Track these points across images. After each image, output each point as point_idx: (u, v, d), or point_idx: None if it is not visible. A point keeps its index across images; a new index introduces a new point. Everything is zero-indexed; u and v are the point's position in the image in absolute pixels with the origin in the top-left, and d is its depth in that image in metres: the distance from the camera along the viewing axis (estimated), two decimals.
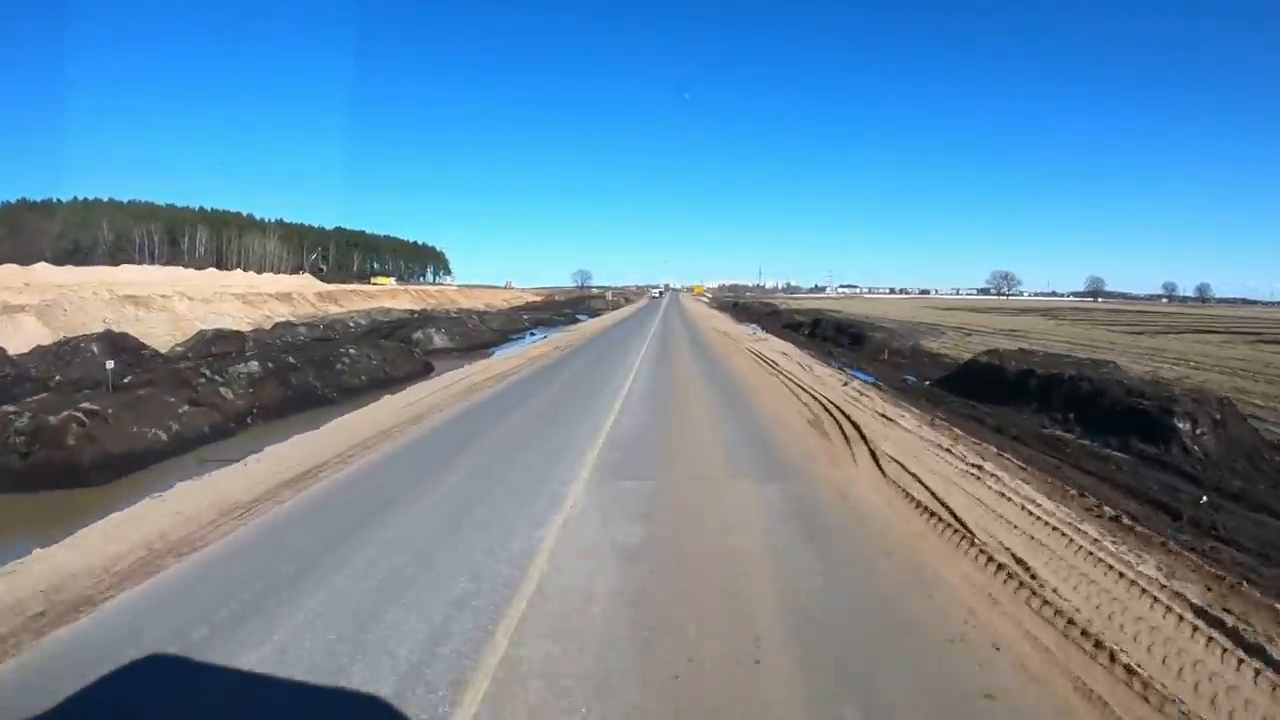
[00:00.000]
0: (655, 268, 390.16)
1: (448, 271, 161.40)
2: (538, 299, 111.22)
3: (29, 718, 3.21)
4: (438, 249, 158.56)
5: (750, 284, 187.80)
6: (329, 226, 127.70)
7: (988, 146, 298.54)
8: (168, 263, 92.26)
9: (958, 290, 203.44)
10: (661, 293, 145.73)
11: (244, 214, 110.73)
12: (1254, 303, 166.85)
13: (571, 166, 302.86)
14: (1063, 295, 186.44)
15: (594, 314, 54.14)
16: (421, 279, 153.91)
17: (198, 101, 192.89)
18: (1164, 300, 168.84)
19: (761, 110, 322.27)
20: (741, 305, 72.83)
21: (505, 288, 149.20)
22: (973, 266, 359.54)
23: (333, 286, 51.79)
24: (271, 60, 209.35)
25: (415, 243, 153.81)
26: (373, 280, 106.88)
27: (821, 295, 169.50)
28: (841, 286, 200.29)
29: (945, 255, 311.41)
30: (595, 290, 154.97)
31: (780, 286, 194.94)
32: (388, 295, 55.15)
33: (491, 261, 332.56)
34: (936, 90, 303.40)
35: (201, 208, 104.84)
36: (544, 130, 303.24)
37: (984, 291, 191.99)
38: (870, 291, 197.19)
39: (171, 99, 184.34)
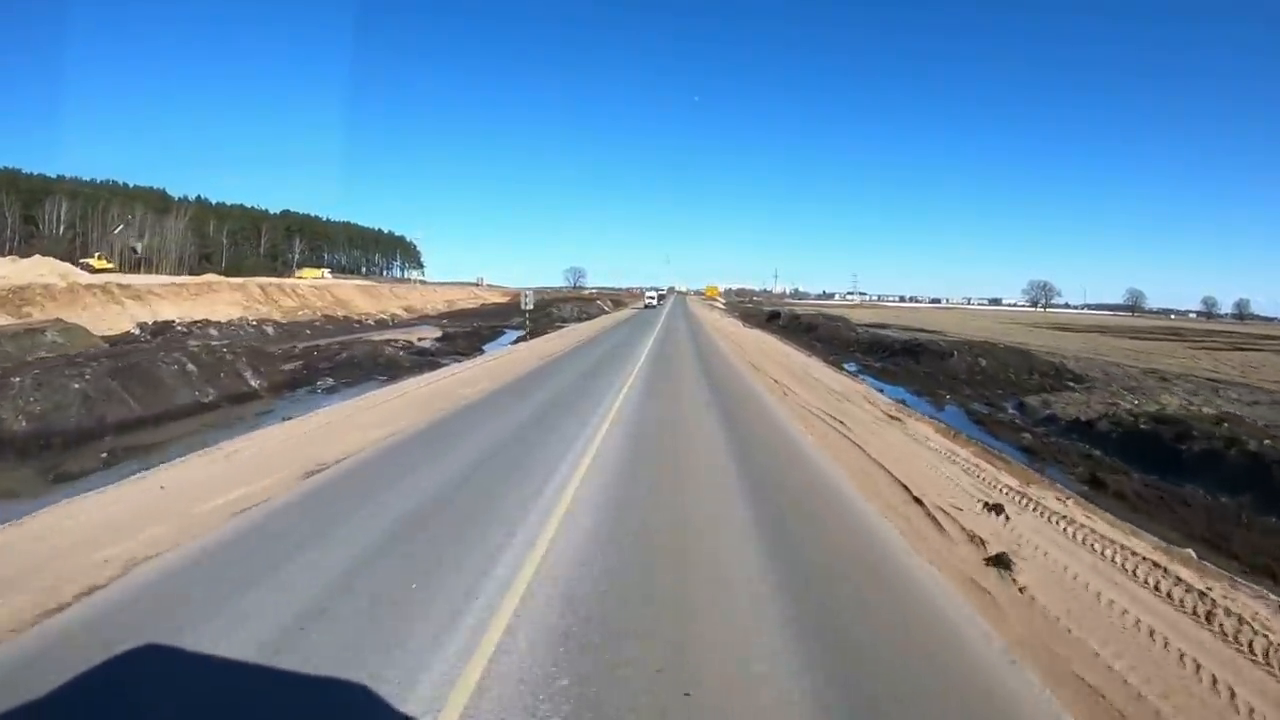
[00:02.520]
0: (657, 269, 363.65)
1: (418, 265, 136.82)
2: (504, 299, 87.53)
3: None
4: (407, 239, 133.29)
5: (758, 288, 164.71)
6: (275, 210, 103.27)
7: (1015, 153, 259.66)
8: (25, 243, 68.35)
9: (969, 299, 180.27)
10: (662, 297, 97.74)
11: (150, 188, 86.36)
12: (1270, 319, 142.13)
13: (568, 164, 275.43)
14: (1076, 308, 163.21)
15: (530, 335, 29.70)
16: (386, 272, 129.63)
17: (166, 79, 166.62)
18: (1192, 315, 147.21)
19: (769, 110, 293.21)
20: (788, 319, 45.43)
21: (478, 284, 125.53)
22: (987, 275, 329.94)
23: (68, 280, 27.36)
24: (244, 41, 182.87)
25: (379, 231, 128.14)
26: (297, 272, 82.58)
27: (831, 302, 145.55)
28: (849, 294, 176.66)
29: (960, 263, 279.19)
30: (589, 292, 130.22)
31: (787, 292, 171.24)
32: (185, 295, 30.46)
33: (481, 256, 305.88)
34: (958, 95, 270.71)
35: (67, 176, 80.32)
36: (538, 124, 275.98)
37: (995, 301, 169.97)
38: (880, 299, 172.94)
39: (131, 76, 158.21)
